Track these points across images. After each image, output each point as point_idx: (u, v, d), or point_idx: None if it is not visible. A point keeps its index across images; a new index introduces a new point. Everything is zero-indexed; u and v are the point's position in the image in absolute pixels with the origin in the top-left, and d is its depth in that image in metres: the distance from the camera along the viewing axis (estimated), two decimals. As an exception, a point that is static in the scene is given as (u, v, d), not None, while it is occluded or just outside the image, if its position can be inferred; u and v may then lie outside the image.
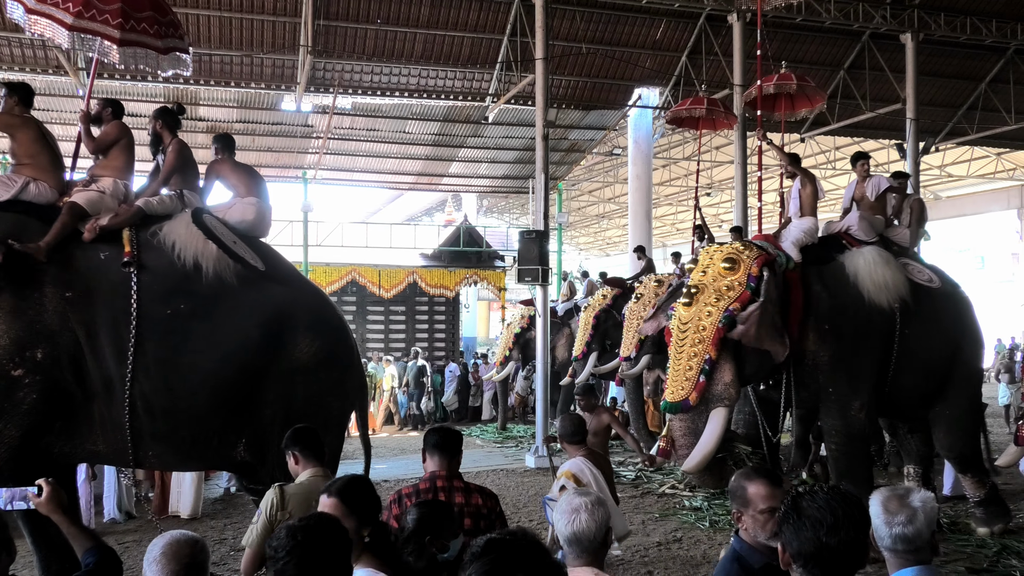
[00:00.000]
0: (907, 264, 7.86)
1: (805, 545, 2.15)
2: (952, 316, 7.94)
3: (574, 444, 5.49)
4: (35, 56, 14.88)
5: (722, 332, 6.60)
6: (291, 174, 21.60)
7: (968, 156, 26.14)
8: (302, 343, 5.44)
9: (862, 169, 8.30)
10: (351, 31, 15.74)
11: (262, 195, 6.24)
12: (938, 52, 17.82)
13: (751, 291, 6.69)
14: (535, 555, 1.79)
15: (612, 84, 17.87)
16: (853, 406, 7.17)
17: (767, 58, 15.31)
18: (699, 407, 6.62)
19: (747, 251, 6.96)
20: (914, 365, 7.50)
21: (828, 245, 7.71)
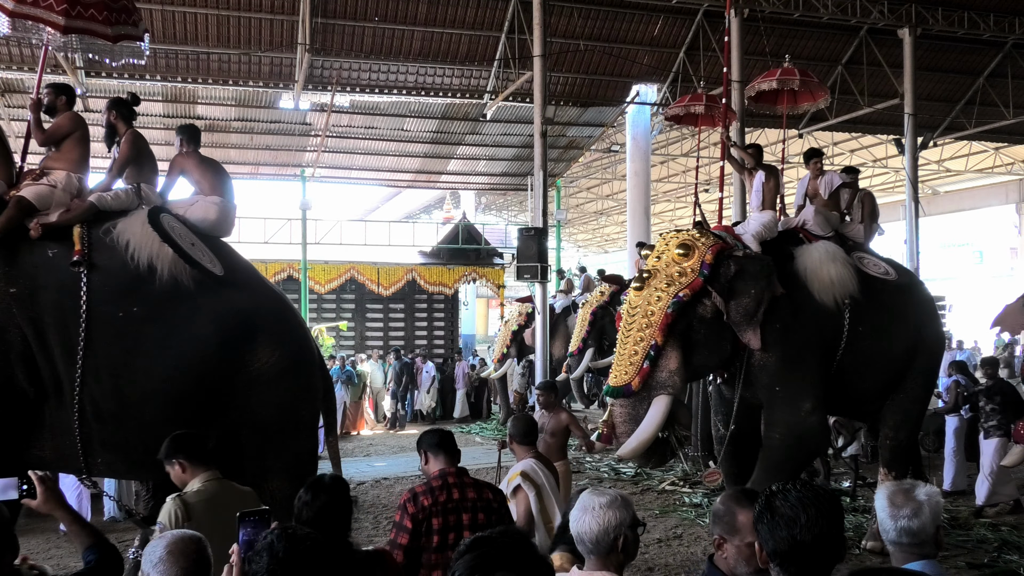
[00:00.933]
0: (862, 258, 7.74)
1: (780, 544, 2.14)
2: (910, 308, 7.81)
3: (524, 445, 5.27)
4: (32, 55, 14.83)
5: (670, 318, 6.45)
6: (289, 172, 21.60)
7: (966, 151, 26.15)
8: (262, 353, 5.26)
9: (815, 167, 8.25)
10: (349, 29, 15.72)
11: (227, 193, 6.00)
12: (936, 47, 17.81)
13: (704, 279, 6.56)
14: (519, 551, 1.80)
15: (610, 81, 17.85)
16: (804, 407, 6.96)
17: (765, 54, 15.38)
18: (641, 393, 6.44)
19: (704, 238, 6.84)
20: (869, 362, 7.34)
21: (786, 240, 7.61)
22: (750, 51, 15.42)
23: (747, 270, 6.68)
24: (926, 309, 8.19)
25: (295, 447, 5.53)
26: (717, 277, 6.62)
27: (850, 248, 7.78)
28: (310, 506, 3.02)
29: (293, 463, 5.47)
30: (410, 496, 3.69)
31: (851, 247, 7.83)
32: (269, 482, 5.41)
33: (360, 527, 8.79)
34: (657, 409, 6.38)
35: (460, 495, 3.72)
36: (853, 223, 8.23)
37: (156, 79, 15.85)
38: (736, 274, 6.64)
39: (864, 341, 7.24)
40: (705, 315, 6.64)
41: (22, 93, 16.57)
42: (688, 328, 6.59)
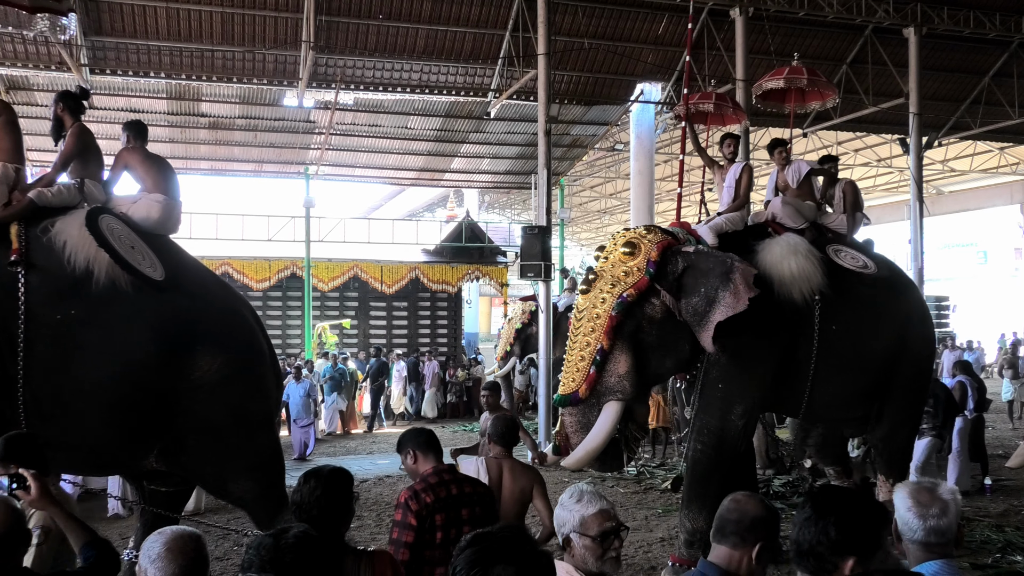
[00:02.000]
0: (839, 250, 7.29)
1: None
2: (893, 304, 7.31)
3: (499, 446, 4.87)
4: (37, 52, 14.86)
5: (615, 320, 6.09)
6: (293, 170, 21.63)
7: (971, 151, 26.10)
8: (204, 359, 5.16)
9: (780, 157, 7.79)
10: (353, 26, 15.72)
11: (171, 191, 5.83)
12: (941, 46, 17.78)
13: (650, 277, 6.18)
14: (519, 547, 1.82)
15: (614, 79, 17.84)
16: (735, 410, 6.59)
17: (770, 52, 15.35)
18: (590, 400, 6.11)
19: (649, 235, 6.45)
20: (845, 361, 6.91)
21: (752, 234, 7.21)
22: (755, 50, 15.40)
23: (696, 265, 6.31)
24: (912, 307, 7.67)
25: (252, 447, 5.51)
26: (664, 274, 6.27)
27: (828, 240, 7.39)
28: (309, 496, 3.01)
29: (255, 463, 5.50)
30: (411, 494, 3.68)
31: (830, 239, 7.44)
32: (234, 484, 5.52)
33: (363, 524, 8.79)
34: (607, 416, 6.06)
35: (458, 490, 3.77)
36: (834, 213, 7.81)
37: (160, 76, 15.86)
38: (684, 270, 6.30)
39: (839, 340, 6.81)
40: (655, 316, 6.26)
41: (27, 90, 16.61)
42: (638, 330, 6.22)
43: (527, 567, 1.78)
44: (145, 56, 15.45)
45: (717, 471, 6.53)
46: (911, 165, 16.92)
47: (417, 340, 21.77)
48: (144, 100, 17.47)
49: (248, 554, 2.26)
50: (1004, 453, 12.08)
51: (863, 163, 27.13)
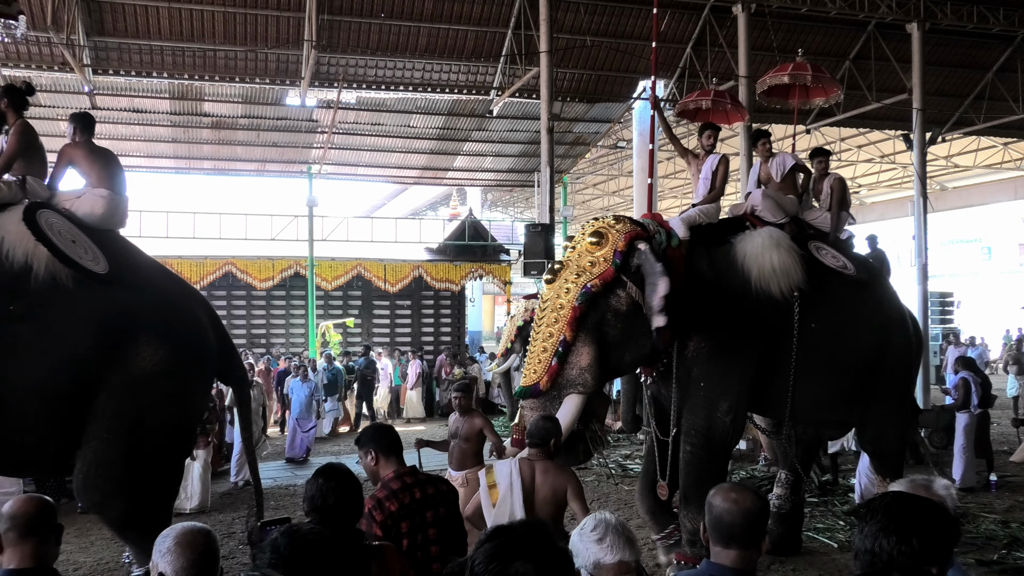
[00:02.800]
0: (819, 248, 7.09)
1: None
2: (873, 307, 7.12)
3: (537, 447, 4.65)
4: (40, 53, 14.89)
5: (578, 311, 5.90)
6: (296, 169, 21.64)
7: (975, 146, 26.03)
8: (144, 351, 5.06)
9: (764, 149, 7.57)
10: (355, 25, 15.72)
11: (116, 185, 5.72)
12: (944, 41, 17.74)
13: (616, 268, 5.98)
14: (538, 541, 1.81)
15: (616, 77, 17.83)
16: (720, 407, 6.40)
17: (772, 49, 15.31)
18: (551, 393, 5.91)
19: (618, 226, 6.25)
20: (825, 362, 6.70)
21: (728, 227, 7.01)
22: (758, 46, 15.37)
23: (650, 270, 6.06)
24: (893, 310, 7.46)
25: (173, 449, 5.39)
26: (631, 266, 6.08)
27: (809, 236, 7.21)
28: (323, 492, 3.01)
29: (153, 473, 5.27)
30: (374, 504, 3.60)
31: (811, 235, 7.26)
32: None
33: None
34: (567, 409, 5.86)
35: (421, 494, 3.70)
36: (819, 210, 7.60)
37: (163, 76, 15.88)
38: (640, 268, 6.09)
39: (819, 339, 6.63)
40: (620, 308, 6.05)
41: (30, 91, 16.61)
42: (601, 322, 6.02)
43: (546, 563, 1.77)
44: (148, 56, 15.47)
45: (710, 470, 6.37)
46: (915, 161, 16.87)
47: (420, 339, 21.78)
48: (147, 100, 17.49)
49: (261, 553, 2.25)
50: (1009, 449, 12.08)
51: (866, 159, 27.08)
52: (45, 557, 2.71)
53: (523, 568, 1.73)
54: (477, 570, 1.76)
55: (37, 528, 2.70)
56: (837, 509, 8.93)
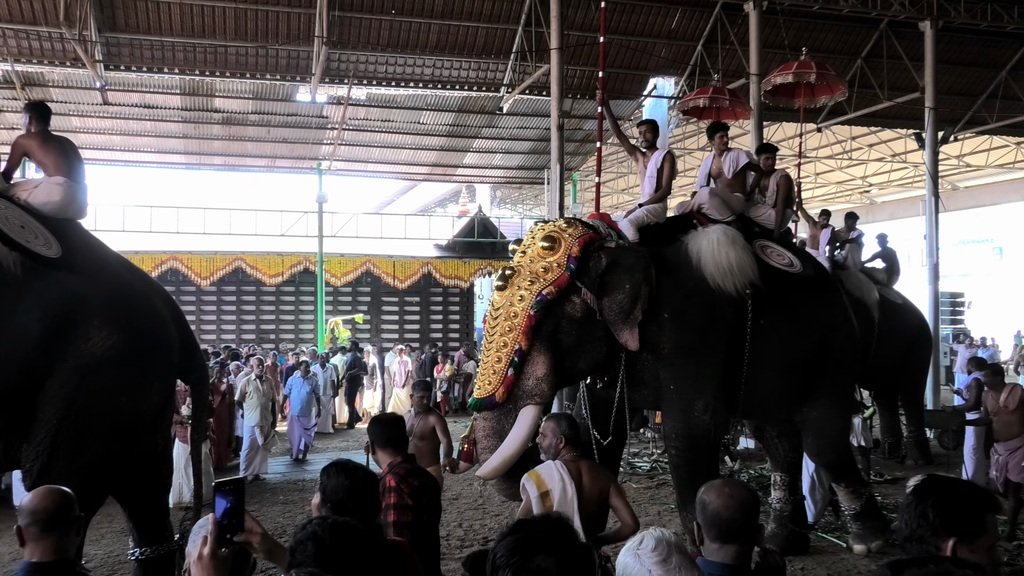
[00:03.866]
0: (765, 246, 6.99)
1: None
2: (817, 305, 7.02)
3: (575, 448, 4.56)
4: (52, 48, 14.95)
5: (534, 319, 5.75)
6: (306, 165, 21.69)
7: (987, 145, 25.89)
8: (95, 337, 4.92)
9: (720, 142, 7.38)
10: (366, 22, 15.73)
11: (73, 173, 5.62)
12: (957, 39, 17.63)
13: (570, 274, 5.87)
14: (559, 537, 1.80)
15: (627, 74, 17.79)
16: (696, 406, 6.28)
17: (783, 47, 15.26)
18: (507, 405, 5.74)
19: (570, 229, 6.11)
20: (772, 360, 6.62)
21: (676, 226, 6.88)
22: (768, 44, 15.30)
23: (620, 262, 6.03)
24: (837, 309, 7.29)
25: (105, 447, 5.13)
26: (586, 271, 5.96)
27: (755, 235, 7.10)
28: (339, 488, 3.01)
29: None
30: (397, 479, 3.80)
31: (756, 234, 7.15)
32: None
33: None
34: (524, 422, 5.67)
35: (424, 479, 4.00)
36: (763, 206, 7.45)
37: (174, 72, 15.93)
38: (608, 267, 5.99)
39: (765, 338, 6.56)
40: (575, 314, 5.95)
41: (42, 86, 16.71)
42: (556, 329, 5.90)
43: (568, 558, 1.75)
44: (159, 52, 15.52)
45: (700, 470, 6.19)
46: (926, 160, 16.78)
47: (429, 335, 21.82)
48: (158, 96, 17.55)
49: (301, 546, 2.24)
50: (1020, 450, 11.99)
51: (877, 158, 26.95)
52: (66, 550, 2.74)
53: (545, 562, 1.72)
54: (499, 563, 1.75)
55: (58, 522, 2.72)
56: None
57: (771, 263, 6.81)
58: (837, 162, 27.50)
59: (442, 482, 6.78)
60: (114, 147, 19.92)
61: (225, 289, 21.67)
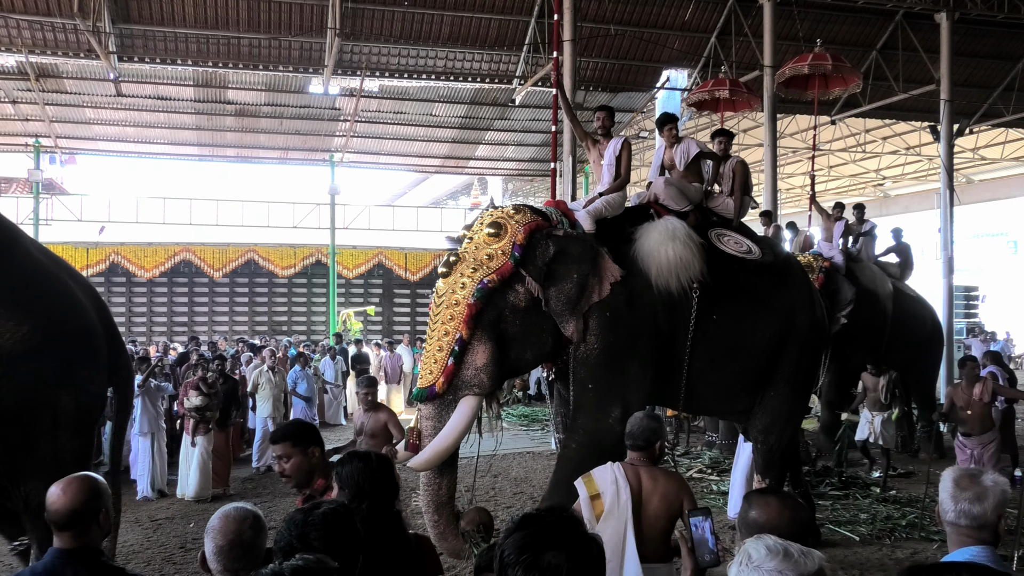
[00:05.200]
0: (722, 235, 6.74)
1: None
2: (776, 291, 6.72)
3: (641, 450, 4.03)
4: (67, 40, 15.00)
5: (474, 308, 5.56)
6: (318, 157, 21.72)
7: (1002, 138, 25.67)
8: (4, 326, 4.56)
9: (670, 134, 7.13)
10: (378, 13, 15.72)
11: None
12: (974, 31, 17.48)
13: (515, 262, 5.66)
14: (568, 531, 1.76)
15: (640, 66, 17.72)
16: (612, 414, 5.92)
17: (798, 39, 15.17)
18: (447, 396, 5.57)
19: (518, 215, 5.91)
20: (726, 352, 6.40)
21: (632, 217, 6.61)
22: (783, 36, 15.21)
23: (567, 251, 5.79)
24: (798, 293, 6.98)
25: (50, 444, 4.81)
26: (532, 259, 5.74)
27: (712, 224, 6.86)
28: (357, 474, 3.00)
29: (50, 464, 4.69)
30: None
31: (714, 223, 6.91)
32: (22, 484, 4.74)
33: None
34: (461, 413, 5.53)
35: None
36: (721, 195, 7.21)
37: (187, 63, 15.96)
38: (554, 256, 5.75)
39: (719, 330, 6.32)
40: (518, 304, 5.75)
41: (56, 78, 16.78)
42: (499, 319, 5.71)
43: (578, 553, 1.71)
44: (172, 43, 15.55)
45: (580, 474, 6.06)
46: (941, 153, 16.67)
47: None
48: (171, 87, 17.60)
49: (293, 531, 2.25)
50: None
51: (892, 151, 26.79)
52: (89, 540, 2.72)
53: (555, 559, 1.67)
54: (508, 560, 1.70)
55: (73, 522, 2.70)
56: (860, 503, 8.87)
57: (727, 251, 6.56)
58: (851, 155, 27.35)
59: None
60: (127, 138, 20.00)
61: (238, 281, 21.77)
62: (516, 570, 1.67)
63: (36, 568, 2.68)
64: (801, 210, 23.35)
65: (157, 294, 21.91)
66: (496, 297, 5.67)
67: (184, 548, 7.53)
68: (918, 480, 9.67)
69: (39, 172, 19.91)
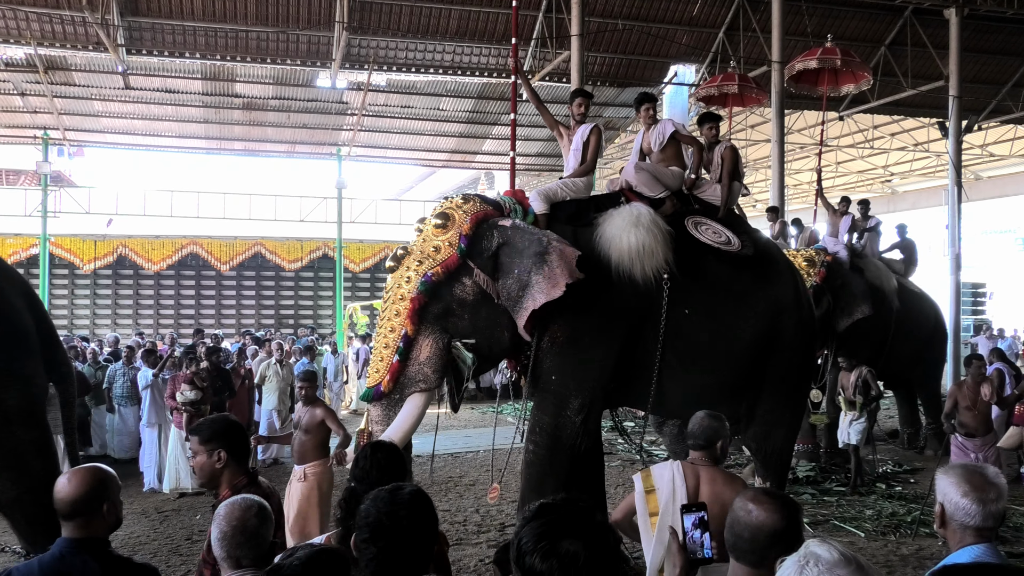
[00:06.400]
0: (700, 223, 6.33)
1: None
2: (758, 287, 6.33)
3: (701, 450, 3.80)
4: (75, 32, 15.04)
5: (417, 302, 5.34)
6: (326, 151, 21.73)
7: (1011, 135, 25.56)
8: None
9: (647, 115, 6.72)
10: (386, 7, 15.72)
11: None
12: (983, 27, 17.40)
13: (460, 254, 5.42)
14: (585, 519, 1.77)
15: (648, 61, 17.69)
16: (571, 405, 5.72)
17: (806, 34, 15.12)
18: (393, 394, 5.37)
19: (466, 206, 5.66)
20: (700, 351, 6.03)
21: (601, 203, 6.26)
22: (791, 31, 15.17)
23: (512, 242, 5.50)
24: (784, 290, 6.57)
25: (8, 440, 4.87)
26: (480, 251, 5.50)
27: (692, 212, 6.48)
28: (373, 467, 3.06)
29: (11, 458, 4.85)
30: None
31: (696, 211, 6.53)
32: None
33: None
34: (408, 410, 5.31)
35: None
36: (708, 182, 6.84)
37: (195, 57, 15.99)
38: (500, 247, 5.50)
39: (692, 326, 5.96)
40: (466, 297, 5.49)
41: (65, 70, 16.82)
42: (447, 313, 5.46)
43: (594, 541, 1.71)
44: (180, 36, 15.58)
45: (552, 474, 5.70)
46: (950, 149, 16.60)
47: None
48: (179, 80, 17.62)
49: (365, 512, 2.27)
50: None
51: (899, 147, 26.69)
52: (95, 530, 2.75)
53: (573, 546, 1.68)
54: (525, 549, 1.70)
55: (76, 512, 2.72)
56: (865, 499, 8.87)
57: (704, 241, 6.18)
58: (859, 151, 27.25)
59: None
60: (135, 131, 20.04)
61: (245, 274, 21.83)
62: (534, 558, 1.68)
63: (44, 559, 2.71)
64: (808, 206, 23.32)
65: (164, 287, 21.99)
66: (442, 290, 5.45)
67: (191, 539, 7.57)
68: (924, 476, 9.66)
69: (47, 164, 19.96)
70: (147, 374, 10.23)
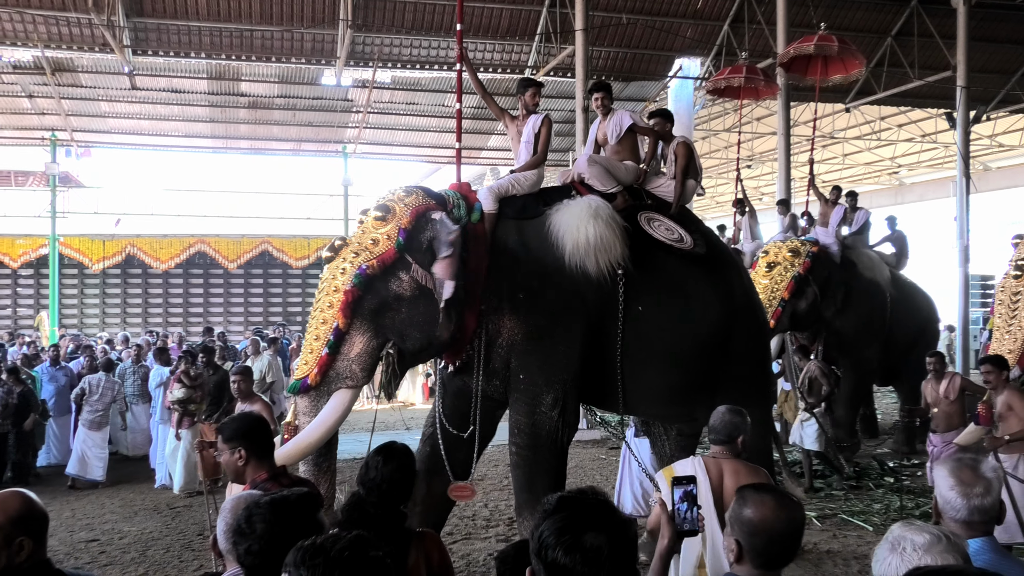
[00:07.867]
0: (652, 219, 6.17)
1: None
2: (710, 284, 6.22)
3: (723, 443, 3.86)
4: (81, 34, 15.10)
5: (351, 296, 5.16)
6: (331, 148, 21.79)
7: (1020, 125, 25.41)
8: None
9: (602, 105, 6.55)
10: (390, 4, 15.73)
11: None
12: (991, 16, 17.29)
13: (398, 247, 5.23)
14: (607, 513, 1.76)
15: (652, 55, 17.66)
16: (544, 401, 5.58)
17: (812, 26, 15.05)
18: (321, 388, 5.21)
19: (408, 198, 5.46)
20: (655, 349, 5.89)
21: (550, 196, 6.10)
22: (796, 23, 15.11)
23: (438, 236, 5.31)
24: (735, 289, 6.46)
25: None
26: (418, 245, 5.30)
27: (644, 207, 6.31)
28: (379, 470, 3.05)
29: None
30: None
31: (648, 206, 6.36)
32: None
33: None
34: (332, 406, 5.16)
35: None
36: (662, 178, 6.64)
37: (200, 56, 16.03)
38: (430, 242, 5.32)
39: (646, 323, 5.82)
40: (403, 292, 5.28)
41: (71, 71, 16.89)
42: (383, 307, 5.27)
43: (617, 534, 1.71)
44: (186, 36, 15.63)
45: (540, 473, 5.62)
46: (958, 140, 16.50)
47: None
48: (185, 80, 17.68)
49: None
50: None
51: (907, 138, 26.57)
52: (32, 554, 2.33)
53: (595, 540, 1.67)
54: (547, 543, 1.69)
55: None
56: (873, 492, 8.86)
57: (656, 237, 6.03)
58: (866, 142, 27.13)
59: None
60: (142, 131, 20.12)
61: (252, 272, 21.89)
62: (557, 551, 1.67)
63: None
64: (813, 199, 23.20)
65: (173, 285, 22.06)
66: (377, 284, 5.26)
67: (203, 535, 7.61)
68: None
69: (55, 165, 20.07)
70: (161, 371, 10.27)
